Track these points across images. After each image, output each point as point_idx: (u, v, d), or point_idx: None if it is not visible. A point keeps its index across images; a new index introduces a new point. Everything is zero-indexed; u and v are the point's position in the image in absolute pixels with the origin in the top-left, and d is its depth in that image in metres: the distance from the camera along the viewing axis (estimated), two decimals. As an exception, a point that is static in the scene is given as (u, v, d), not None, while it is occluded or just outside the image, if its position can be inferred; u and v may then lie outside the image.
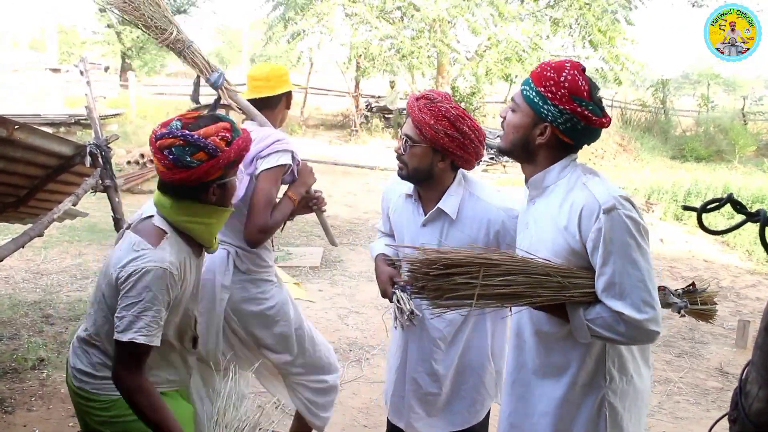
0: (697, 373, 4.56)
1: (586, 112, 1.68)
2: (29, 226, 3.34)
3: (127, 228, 1.98)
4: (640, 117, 20.84)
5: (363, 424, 3.64)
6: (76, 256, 6.46)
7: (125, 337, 1.78)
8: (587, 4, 15.75)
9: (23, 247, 3.22)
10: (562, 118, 1.70)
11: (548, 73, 1.71)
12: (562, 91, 1.68)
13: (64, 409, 3.57)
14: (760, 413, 1.10)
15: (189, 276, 1.98)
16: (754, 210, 1.12)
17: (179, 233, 1.94)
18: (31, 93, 16.80)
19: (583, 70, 1.74)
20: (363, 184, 11.16)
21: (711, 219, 8.62)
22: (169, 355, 2.05)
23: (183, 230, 1.94)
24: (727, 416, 1.19)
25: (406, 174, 2.25)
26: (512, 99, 1.82)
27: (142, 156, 11.28)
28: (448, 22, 16.46)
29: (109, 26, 26.76)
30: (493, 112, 21.17)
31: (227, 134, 1.86)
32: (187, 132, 1.81)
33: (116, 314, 1.81)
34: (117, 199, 3.75)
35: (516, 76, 17.12)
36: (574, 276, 1.69)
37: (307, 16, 16.75)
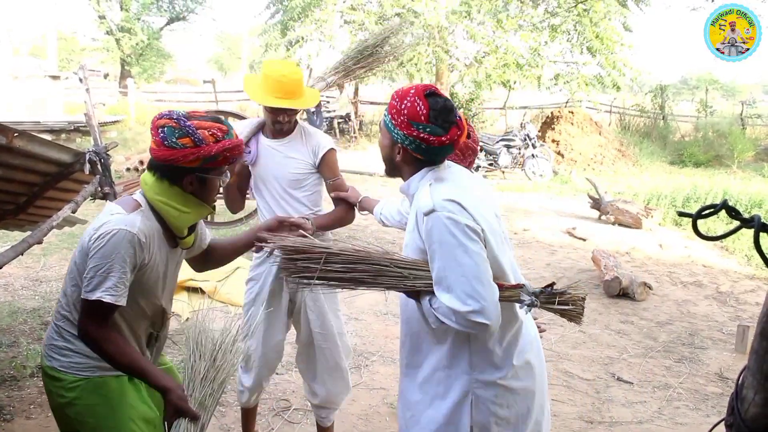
0: (697, 378, 4.56)
1: (422, 135, 1.89)
2: (28, 233, 3.35)
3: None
4: (638, 122, 20.89)
5: (362, 431, 3.64)
6: (75, 263, 6.45)
7: (93, 296, 1.88)
8: (585, 10, 15.82)
9: (22, 254, 3.22)
10: (407, 141, 1.92)
11: (394, 102, 1.95)
12: (402, 117, 1.91)
13: (62, 416, 3.56)
14: (756, 418, 1.11)
15: (157, 255, 2.05)
16: (749, 215, 1.13)
17: (154, 213, 2.05)
18: (31, 100, 16.84)
19: (429, 93, 1.92)
20: (362, 190, 10.95)
21: (710, 224, 8.63)
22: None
23: (156, 209, 2.04)
24: (724, 421, 1.19)
25: None
26: None
27: (141, 163, 11.26)
28: (447, 29, 16.51)
29: (108, 33, 26.84)
30: (492, 119, 21.23)
31: (219, 134, 1.98)
32: (183, 118, 1.96)
33: (85, 275, 1.91)
34: (116, 206, 3.75)
35: (515, 83, 17.17)
36: (418, 269, 1.90)
37: (305, 23, 16.80)
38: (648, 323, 5.60)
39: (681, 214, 1.15)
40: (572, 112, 16.96)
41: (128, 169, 11.23)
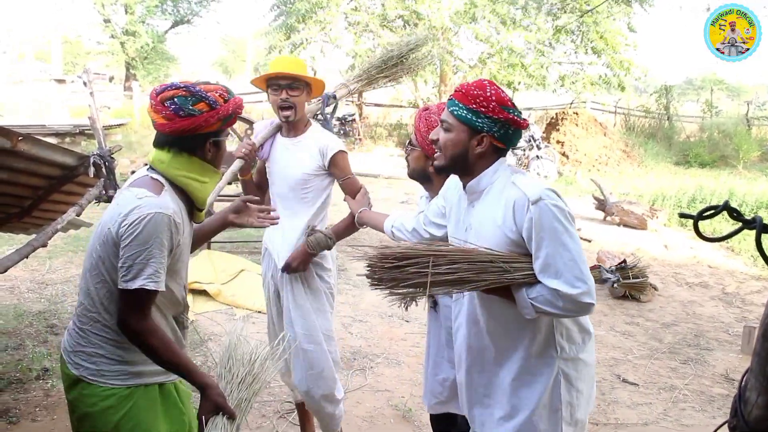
0: (703, 379, 4.54)
1: (513, 117, 1.95)
2: (33, 236, 3.36)
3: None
4: (643, 123, 20.84)
5: (367, 433, 3.64)
6: (80, 266, 6.47)
7: (134, 285, 1.80)
8: (589, 10, 15.81)
9: (28, 257, 3.23)
10: (496, 127, 1.95)
11: (475, 92, 1.95)
12: (493, 104, 1.93)
13: (68, 419, 3.57)
14: (759, 420, 1.10)
15: (186, 235, 2.00)
16: (751, 216, 1.12)
17: (175, 189, 1.98)
18: (36, 103, 16.93)
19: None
20: (366, 192, 11.16)
21: (716, 225, 8.61)
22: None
23: (180, 185, 1.98)
24: (727, 423, 1.19)
25: (408, 173, 2.67)
26: (442, 121, 2.03)
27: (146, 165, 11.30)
28: (451, 29, 16.52)
29: (113, 37, 26.94)
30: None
31: (225, 94, 1.97)
32: (190, 85, 1.92)
33: (121, 264, 1.82)
34: (120, 209, 3.76)
35: (519, 83, 17.16)
36: (515, 261, 1.91)
37: (309, 24, 16.83)
38: (653, 324, 5.58)
39: (682, 216, 1.15)
40: (577, 113, 16.94)
41: (133, 172, 11.25)
